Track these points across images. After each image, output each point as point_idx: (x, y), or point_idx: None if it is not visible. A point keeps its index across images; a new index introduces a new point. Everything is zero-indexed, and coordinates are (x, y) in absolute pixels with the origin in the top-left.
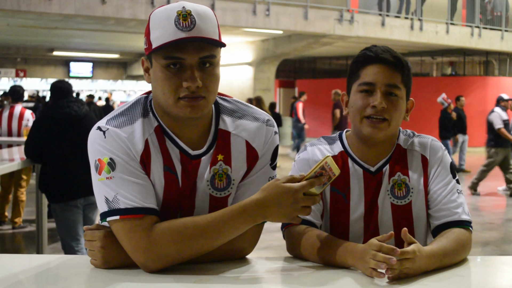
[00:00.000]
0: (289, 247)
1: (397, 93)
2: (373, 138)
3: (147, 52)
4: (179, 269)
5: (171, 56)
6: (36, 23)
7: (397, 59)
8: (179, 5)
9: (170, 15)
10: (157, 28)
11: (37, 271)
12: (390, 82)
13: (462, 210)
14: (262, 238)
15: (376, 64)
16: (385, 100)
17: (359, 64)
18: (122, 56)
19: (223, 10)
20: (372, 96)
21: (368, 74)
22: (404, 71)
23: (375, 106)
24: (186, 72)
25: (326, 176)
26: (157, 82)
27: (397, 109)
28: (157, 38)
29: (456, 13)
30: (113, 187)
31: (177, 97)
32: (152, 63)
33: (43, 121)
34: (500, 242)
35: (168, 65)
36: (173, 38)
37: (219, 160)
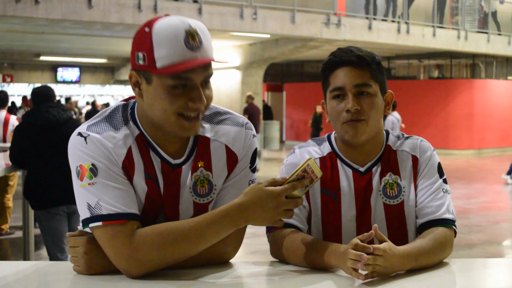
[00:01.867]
0: (272, 251)
1: (368, 91)
2: (355, 142)
3: (148, 69)
4: (162, 274)
5: (182, 77)
6: (23, 28)
7: (360, 58)
8: (183, 22)
9: (177, 34)
10: (164, 46)
11: (22, 277)
12: (358, 82)
13: (446, 209)
14: (249, 242)
15: (341, 68)
16: (358, 101)
17: (326, 71)
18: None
19: (210, 14)
20: (345, 100)
21: (336, 78)
22: (372, 66)
23: (349, 110)
24: (193, 92)
25: (308, 178)
26: (157, 100)
27: (373, 106)
28: (164, 57)
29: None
30: (95, 193)
31: (177, 114)
32: (149, 79)
33: (22, 126)
34: (486, 245)
35: (175, 86)
36: (184, 58)
37: (200, 167)
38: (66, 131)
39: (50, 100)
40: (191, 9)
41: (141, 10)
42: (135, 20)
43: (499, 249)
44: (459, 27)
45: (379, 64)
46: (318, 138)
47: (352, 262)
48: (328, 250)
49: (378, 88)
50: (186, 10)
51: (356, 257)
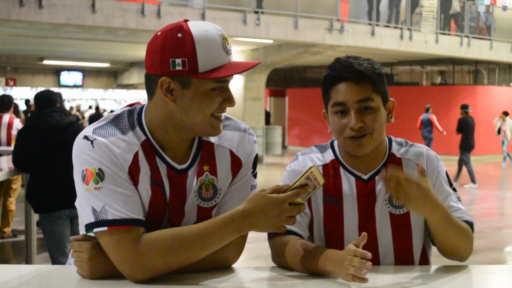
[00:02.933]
0: (273, 257)
1: (371, 105)
2: (359, 155)
3: (189, 74)
4: (165, 279)
5: (221, 79)
6: (26, 32)
7: (360, 73)
8: (215, 27)
9: (216, 39)
10: (206, 52)
11: (25, 281)
12: (360, 98)
13: (463, 214)
14: (252, 247)
15: (342, 83)
16: (361, 117)
17: (327, 85)
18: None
19: (213, 20)
20: (348, 116)
21: (338, 94)
22: (373, 79)
23: (352, 127)
24: (226, 93)
25: (311, 185)
26: (196, 103)
27: (376, 120)
28: (207, 62)
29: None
30: (101, 198)
31: (211, 115)
32: (187, 84)
33: (25, 130)
34: (488, 251)
35: (215, 88)
36: (223, 62)
37: (205, 171)
38: (68, 135)
39: (53, 105)
40: (195, 14)
41: (144, 15)
42: (139, 25)
43: (501, 255)
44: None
45: (379, 75)
46: (322, 145)
47: (355, 269)
48: (324, 256)
49: (380, 100)
50: (189, 15)
51: (361, 264)
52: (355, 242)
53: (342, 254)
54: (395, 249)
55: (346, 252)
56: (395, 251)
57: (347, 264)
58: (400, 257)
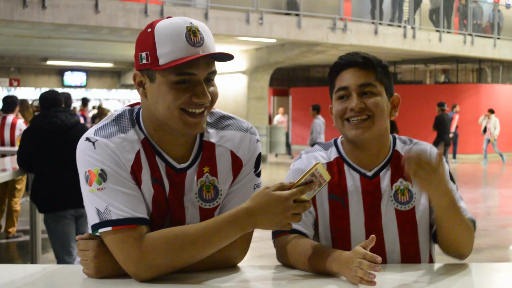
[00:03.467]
0: (278, 256)
1: (372, 91)
2: (359, 139)
3: (151, 67)
4: (170, 278)
5: (185, 72)
6: (30, 33)
7: (366, 59)
8: (184, 20)
9: (179, 31)
10: (166, 43)
11: (31, 281)
12: (362, 82)
13: (466, 211)
14: (256, 246)
15: (347, 69)
16: (362, 100)
17: (333, 73)
18: (116, 65)
19: (216, 19)
20: (349, 100)
21: (342, 79)
22: (377, 68)
23: (353, 108)
24: (197, 87)
25: (317, 182)
26: (161, 97)
27: (377, 105)
28: (167, 54)
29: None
30: (105, 198)
31: (181, 110)
32: (153, 78)
33: (30, 130)
34: (493, 249)
35: (179, 81)
36: (186, 54)
37: (205, 172)
38: (73, 135)
39: (58, 105)
40: (198, 14)
41: (147, 15)
42: (142, 25)
43: (506, 254)
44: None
45: (385, 67)
46: (325, 143)
47: (363, 273)
48: (330, 256)
49: (383, 90)
50: (192, 15)
51: (370, 268)
52: (363, 244)
53: (349, 255)
54: (402, 245)
55: (355, 254)
56: (401, 247)
57: (355, 267)
58: (406, 253)
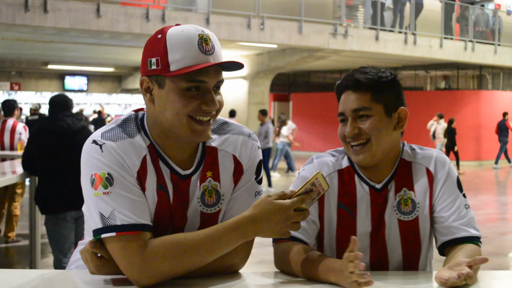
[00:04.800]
0: (276, 263)
1: (367, 114)
2: (363, 164)
3: (161, 73)
4: (171, 283)
5: (196, 79)
6: (31, 37)
7: (357, 82)
8: (196, 28)
9: (191, 38)
10: (178, 50)
11: (30, 286)
12: (355, 107)
13: (471, 225)
14: (255, 252)
15: (345, 92)
16: (356, 124)
17: (337, 95)
18: (116, 69)
19: (218, 24)
20: (346, 124)
21: (341, 103)
22: (375, 87)
23: (347, 135)
24: (206, 95)
25: (316, 191)
26: (170, 104)
27: (373, 127)
28: (178, 60)
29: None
30: (110, 203)
31: (189, 117)
32: (162, 84)
33: (37, 133)
34: (493, 256)
35: (189, 88)
36: (198, 61)
37: (208, 177)
38: (79, 140)
39: (66, 109)
40: (199, 19)
41: (149, 20)
42: (143, 30)
43: (505, 261)
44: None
45: (384, 83)
46: (337, 149)
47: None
48: (326, 267)
49: (381, 108)
50: (193, 20)
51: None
52: (349, 248)
53: (341, 263)
54: (404, 255)
55: (343, 262)
56: (403, 257)
57: (348, 273)
58: (408, 262)
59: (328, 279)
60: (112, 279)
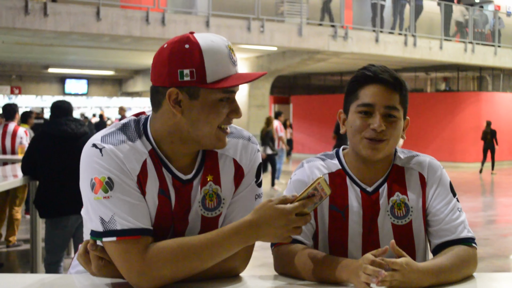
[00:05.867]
0: (277, 266)
1: (395, 115)
2: (371, 159)
3: (197, 84)
4: (171, 287)
5: (229, 90)
6: (31, 40)
7: (395, 80)
8: (221, 38)
9: (223, 50)
10: (214, 62)
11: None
12: (389, 104)
13: (463, 227)
14: (256, 255)
15: (374, 84)
16: (384, 122)
17: (357, 84)
18: (117, 72)
19: (218, 27)
20: (371, 117)
21: (367, 95)
22: (402, 91)
23: (375, 129)
24: (233, 104)
25: (318, 196)
26: (204, 114)
27: (395, 129)
28: (215, 72)
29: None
30: (110, 207)
31: (218, 127)
32: (195, 95)
33: (39, 136)
34: (494, 258)
35: (222, 99)
36: (230, 72)
37: (209, 181)
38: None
39: (69, 114)
40: (199, 21)
41: (149, 23)
42: (143, 33)
43: (506, 263)
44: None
45: (407, 90)
46: (327, 153)
47: (367, 277)
48: (339, 265)
49: (402, 113)
50: (193, 23)
51: (374, 272)
52: (374, 252)
53: (358, 263)
54: None
55: (362, 261)
56: None
57: (361, 272)
58: None
59: (340, 277)
60: (112, 284)
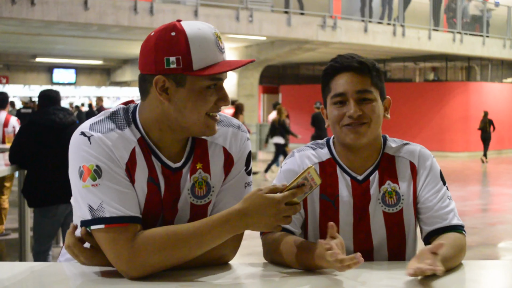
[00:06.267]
0: (266, 253)
1: (369, 97)
2: (355, 144)
3: (184, 72)
4: (161, 275)
5: (216, 77)
6: (18, 30)
7: (362, 64)
8: (208, 26)
9: (210, 37)
10: (200, 49)
11: (20, 278)
12: (359, 88)
13: (454, 215)
14: (245, 244)
15: (343, 73)
16: (359, 106)
17: (328, 76)
18: (105, 62)
19: (206, 16)
20: (346, 105)
21: (338, 84)
22: (372, 72)
23: (351, 115)
24: (221, 92)
25: (308, 186)
26: (191, 102)
27: (374, 111)
28: (202, 59)
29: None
30: (98, 195)
31: (206, 114)
32: (182, 82)
33: (27, 126)
34: (482, 247)
35: (209, 86)
36: (217, 60)
37: (198, 169)
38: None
39: (57, 103)
40: (187, 11)
41: (137, 12)
42: (131, 22)
43: (494, 251)
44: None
45: (379, 71)
46: (318, 142)
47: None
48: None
49: (378, 94)
50: (182, 13)
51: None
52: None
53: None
54: (389, 246)
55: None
56: (388, 248)
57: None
58: (393, 253)
59: (321, 264)
60: (102, 272)
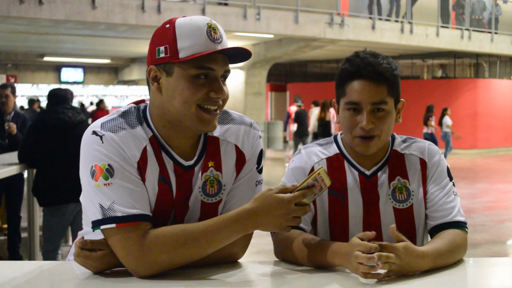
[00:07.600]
0: (277, 252)
1: (384, 108)
2: (365, 154)
3: (170, 60)
4: (170, 273)
5: (205, 66)
6: (26, 29)
7: (379, 74)
8: (204, 18)
9: (200, 26)
10: (187, 37)
11: (29, 277)
12: (375, 100)
13: (457, 211)
14: (254, 242)
15: (359, 80)
16: (372, 117)
17: (343, 80)
18: (113, 61)
19: (214, 15)
20: (360, 115)
21: (353, 92)
22: (389, 81)
23: (363, 128)
24: (214, 83)
25: (318, 187)
26: (179, 91)
27: (386, 122)
28: (188, 47)
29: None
30: (110, 195)
31: (198, 106)
32: (170, 71)
33: (36, 125)
34: (491, 244)
35: (198, 75)
36: (207, 49)
37: (210, 167)
38: (79, 132)
39: (66, 102)
40: (195, 9)
41: (144, 11)
42: (139, 21)
43: (503, 249)
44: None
45: (396, 76)
46: (325, 139)
47: (363, 267)
48: (330, 250)
49: (393, 103)
50: (189, 11)
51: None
52: (360, 235)
53: (347, 248)
54: None
55: (352, 247)
56: None
57: (357, 263)
58: None
59: (333, 262)
60: (111, 270)
